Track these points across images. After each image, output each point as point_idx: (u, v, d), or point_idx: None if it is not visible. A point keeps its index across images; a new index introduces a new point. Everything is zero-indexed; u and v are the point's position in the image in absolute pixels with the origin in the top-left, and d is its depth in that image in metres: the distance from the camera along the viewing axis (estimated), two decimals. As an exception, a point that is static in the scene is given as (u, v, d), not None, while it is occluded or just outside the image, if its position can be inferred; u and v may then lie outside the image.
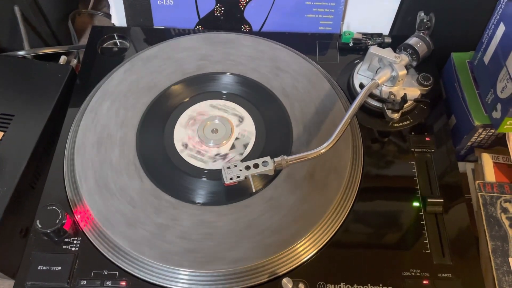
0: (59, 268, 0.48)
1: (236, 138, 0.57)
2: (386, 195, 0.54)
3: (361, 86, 0.60)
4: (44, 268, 0.48)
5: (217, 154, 0.56)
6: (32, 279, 0.47)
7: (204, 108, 0.60)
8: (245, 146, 0.56)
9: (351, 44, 0.67)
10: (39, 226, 0.48)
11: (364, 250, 0.50)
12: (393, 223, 0.52)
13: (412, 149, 0.57)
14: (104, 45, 0.68)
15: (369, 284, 0.48)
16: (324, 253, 0.50)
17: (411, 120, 0.60)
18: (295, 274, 0.48)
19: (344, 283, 0.48)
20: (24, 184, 0.55)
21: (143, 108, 0.60)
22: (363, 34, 0.67)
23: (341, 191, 0.52)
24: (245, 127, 0.58)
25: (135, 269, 0.48)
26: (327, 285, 0.48)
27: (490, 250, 0.53)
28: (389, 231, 0.51)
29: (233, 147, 0.57)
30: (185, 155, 0.56)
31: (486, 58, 0.60)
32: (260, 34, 0.69)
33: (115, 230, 0.49)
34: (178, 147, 0.56)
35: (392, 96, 0.58)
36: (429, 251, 0.50)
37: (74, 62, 0.68)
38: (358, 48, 0.67)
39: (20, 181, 0.54)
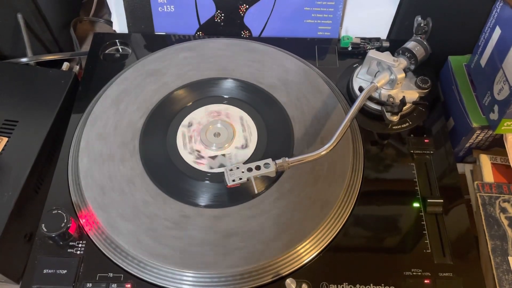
0: (65, 271, 0.48)
1: (223, 155, 0.57)
2: (386, 196, 0.55)
3: (361, 89, 0.61)
4: (49, 271, 0.48)
5: (197, 151, 0.56)
6: (38, 283, 0.48)
7: (233, 112, 0.61)
8: (221, 166, 0.56)
9: (349, 49, 0.68)
10: (45, 230, 0.49)
11: (366, 251, 0.51)
12: (394, 224, 0.53)
13: (412, 151, 0.58)
14: (106, 51, 0.69)
15: (371, 284, 0.48)
16: (327, 254, 0.50)
17: (410, 123, 0.61)
18: (298, 274, 0.49)
19: (346, 283, 0.49)
20: (28, 189, 0.56)
21: (151, 104, 0.61)
22: (362, 38, 0.68)
23: (343, 191, 0.53)
24: (240, 154, 0.57)
25: (140, 271, 0.48)
26: (330, 285, 0.48)
27: (489, 250, 0.53)
28: (390, 232, 0.52)
29: (213, 158, 0.56)
30: (179, 132, 0.58)
31: (483, 61, 0.61)
32: (260, 39, 0.70)
33: (119, 233, 0.50)
34: (184, 123, 0.59)
35: (391, 99, 0.58)
36: (429, 251, 0.51)
37: (77, 68, 0.69)
38: (357, 52, 0.68)
39: (25, 186, 0.55)
